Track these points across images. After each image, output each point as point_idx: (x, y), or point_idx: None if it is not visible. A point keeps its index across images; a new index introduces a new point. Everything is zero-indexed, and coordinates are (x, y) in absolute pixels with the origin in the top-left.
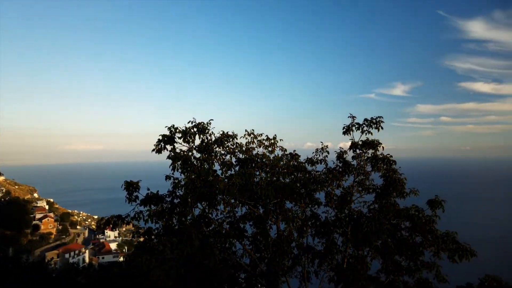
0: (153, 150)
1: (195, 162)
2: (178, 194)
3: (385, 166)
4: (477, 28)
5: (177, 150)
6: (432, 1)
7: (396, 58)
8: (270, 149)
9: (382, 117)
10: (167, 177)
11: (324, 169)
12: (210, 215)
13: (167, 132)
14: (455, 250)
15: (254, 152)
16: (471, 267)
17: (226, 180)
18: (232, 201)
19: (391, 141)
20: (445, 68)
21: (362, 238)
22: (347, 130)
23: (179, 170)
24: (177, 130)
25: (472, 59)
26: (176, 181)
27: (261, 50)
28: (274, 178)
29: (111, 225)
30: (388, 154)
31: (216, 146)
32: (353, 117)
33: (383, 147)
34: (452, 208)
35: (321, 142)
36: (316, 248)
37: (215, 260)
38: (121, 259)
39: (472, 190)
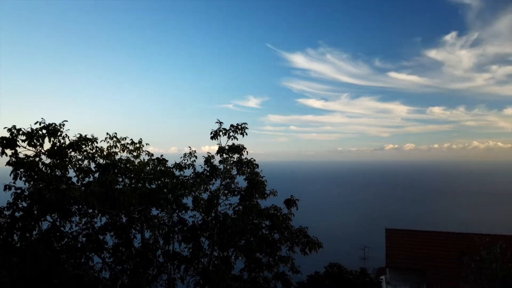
0: None
1: (44, 169)
2: (20, 206)
3: (249, 170)
4: (299, 60)
5: (21, 155)
6: (261, 36)
7: (246, 76)
8: (135, 153)
9: (247, 124)
10: (7, 187)
11: (192, 174)
12: (62, 228)
13: (7, 134)
14: (306, 244)
15: (117, 157)
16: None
17: (82, 188)
18: (90, 211)
19: (251, 147)
20: (284, 87)
21: (227, 239)
22: (214, 135)
23: (23, 179)
24: (20, 132)
25: (302, 82)
26: (19, 191)
27: (127, 52)
28: (139, 184)
29: None
30: (252, 158)
31: (71, 150)
32: (220, 123)
33: (247, 152)
34: (300, 205)
35: (189, 147)
36: (183, 253)
37: (67, 277)
38: None
39: (312, 188)
